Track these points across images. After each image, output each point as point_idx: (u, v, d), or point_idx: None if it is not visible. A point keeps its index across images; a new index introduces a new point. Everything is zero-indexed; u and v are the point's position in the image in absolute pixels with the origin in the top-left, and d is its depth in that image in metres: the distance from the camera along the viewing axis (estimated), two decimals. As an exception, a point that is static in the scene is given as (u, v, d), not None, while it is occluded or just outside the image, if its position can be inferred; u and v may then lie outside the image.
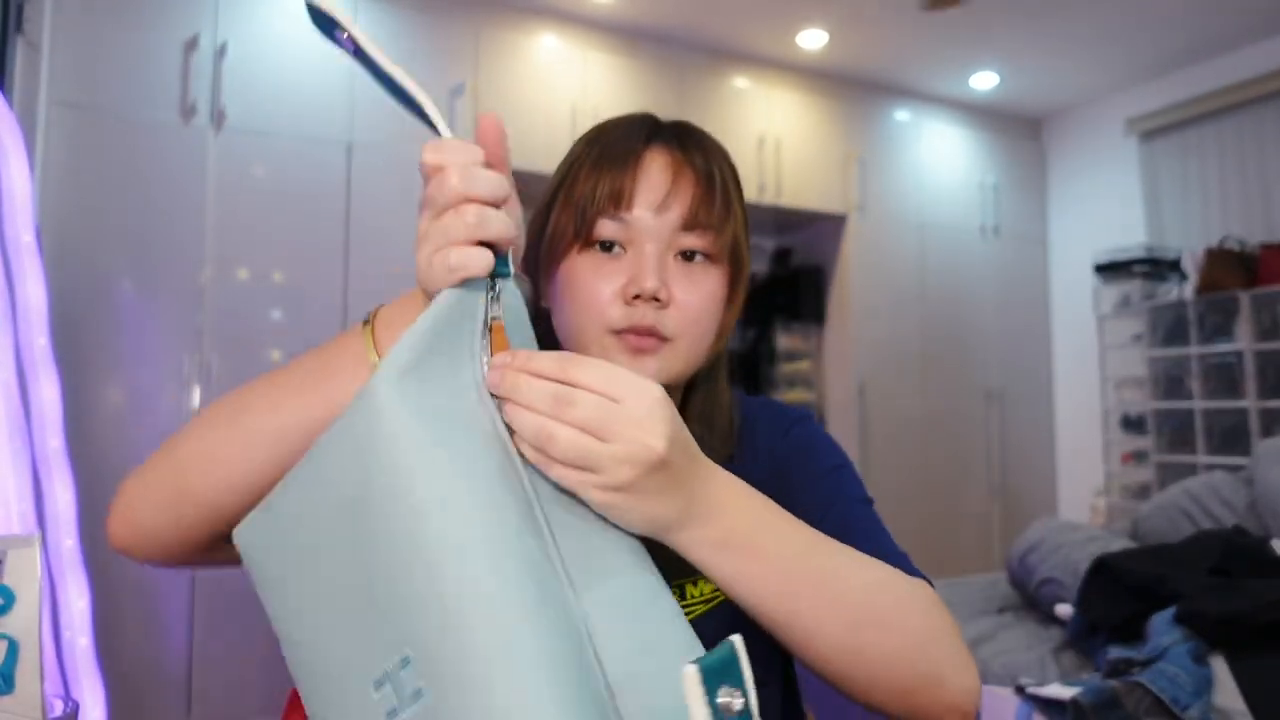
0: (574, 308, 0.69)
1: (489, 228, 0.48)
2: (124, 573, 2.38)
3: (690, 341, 0.70)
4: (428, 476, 0.42)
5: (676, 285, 0.69)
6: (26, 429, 1.31)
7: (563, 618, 0.43)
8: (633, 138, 0.72)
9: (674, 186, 0.70)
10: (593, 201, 0.69)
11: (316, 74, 2.81)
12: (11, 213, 1.33)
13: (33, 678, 0.58)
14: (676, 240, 0.70)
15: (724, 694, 0.39)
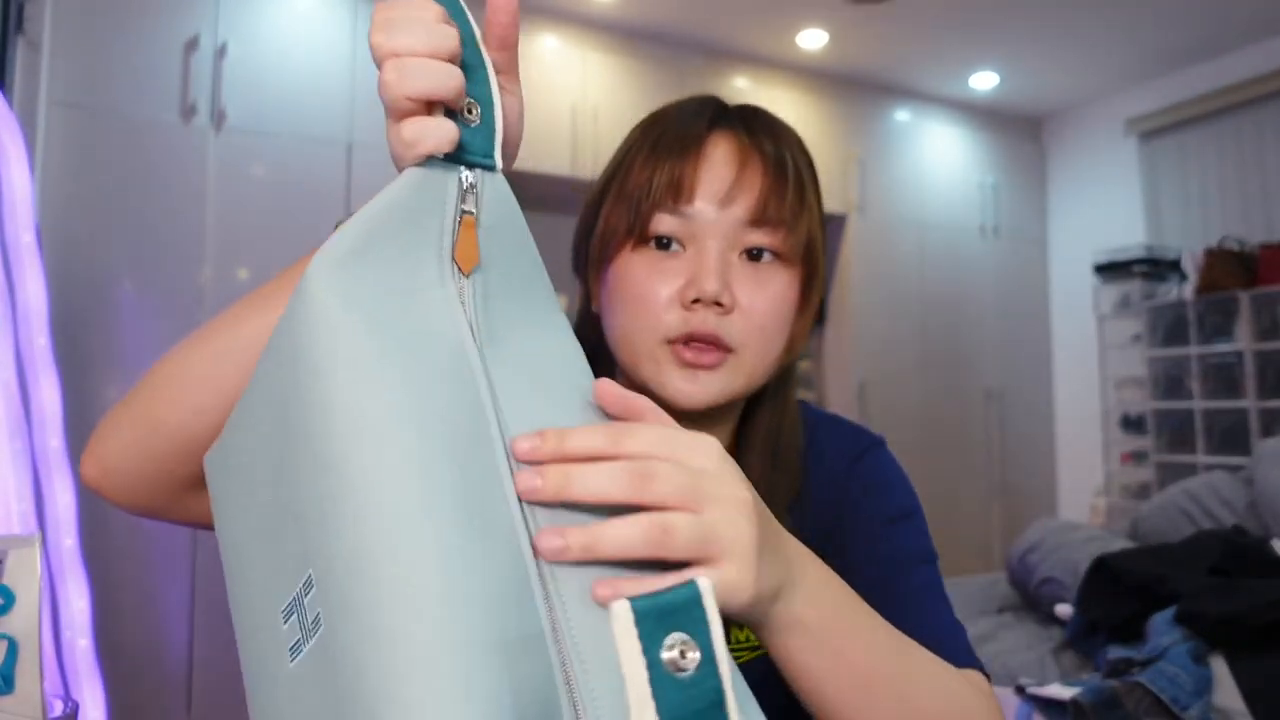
0: (626, 312, 0.62)
1: (410, 82, 0.38)
2: (124, 573, 2.38)
3: (755, 352, 0.62)
4: (349, 374, 0.35)
5: (741, 288, 0.62)
6: (26, 429, 1.31)
7: (500, 551, 0.34)
8: (694, 121, 0.65)
9: (740, 176, 0.62)
10: (648, 193, 0.62)
11: (316, 74, 2.81)
12: (11, 213, 1.33)
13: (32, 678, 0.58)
14: (742, 237, 0.62)
15: (672, 644, 0.30)
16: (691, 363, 0.61)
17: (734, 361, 0.62)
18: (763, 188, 0.62)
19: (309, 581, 0.35)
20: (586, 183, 3.25)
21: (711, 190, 0.62)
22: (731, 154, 0.63)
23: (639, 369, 0.63)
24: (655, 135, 0.65)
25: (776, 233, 0.63)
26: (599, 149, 3.23)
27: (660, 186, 0.62)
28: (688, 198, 0.61)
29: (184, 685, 2.47)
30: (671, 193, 0.61)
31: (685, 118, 0.66)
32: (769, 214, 0.62)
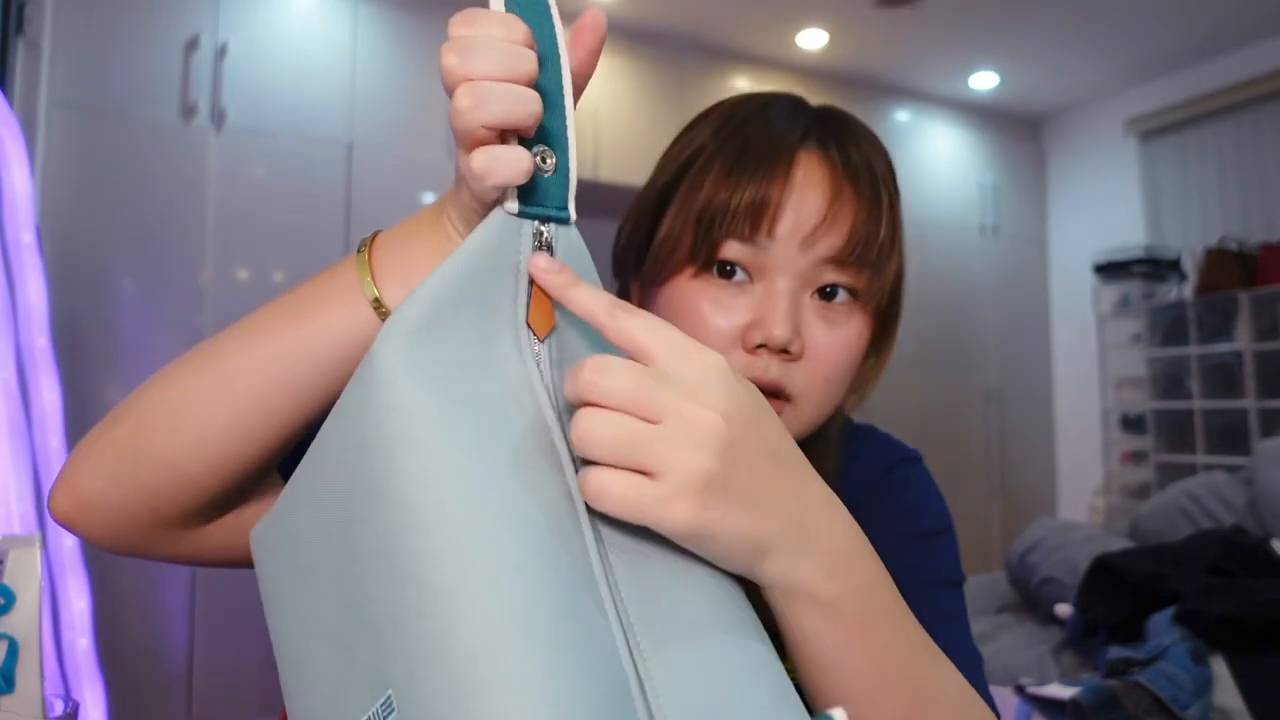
0: None
1: (486, 111, 0.36)
2: (124, 573, 2.38)
3: (816, 404, 0.56)
4: (430, 468, 0.32)
5: (811, 331, 0.55)
6: (27, 429, 1.31)
7: (602, 675, 0.31)
8: (784, 134, 0.57)
9: (831, 210, 0.54)
10: (725, 217, 0.54)
11: (316, 74, 2.81)
12: (12, 213, 1.33)
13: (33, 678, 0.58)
14: (819, 275, 0.55)
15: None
16: None
17: (791, 412, 0.56)
18: (854, 225, 0.55)
19: (388, 703, 0.32)
20: (586, 183, 3.25)
21: (796, 224, 0.54)
22: (823, 180, 0.55)
23: None
24: (735, 146, 0.56)
25: (861, 275, 0.56)
26: (599, 149, 3.23)
27: (739, 213, 0.54)
28: (769, 229, 0.54)
29: (184, 685, 2.47)
30: (750, 221, 0.54)
31: (772, 127, 0.57)
32: (857, 255, 0.55)
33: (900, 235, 0.59)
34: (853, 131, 0.59)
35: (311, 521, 0.37)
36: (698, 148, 0.59)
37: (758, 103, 0.61)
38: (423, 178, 2.97)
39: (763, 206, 0.54)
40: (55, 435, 1.36)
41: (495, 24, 0.37)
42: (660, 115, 3.43)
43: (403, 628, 0.31)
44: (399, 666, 0.31)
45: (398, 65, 2.97)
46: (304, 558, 0.38)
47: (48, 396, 1.35)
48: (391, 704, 0.32)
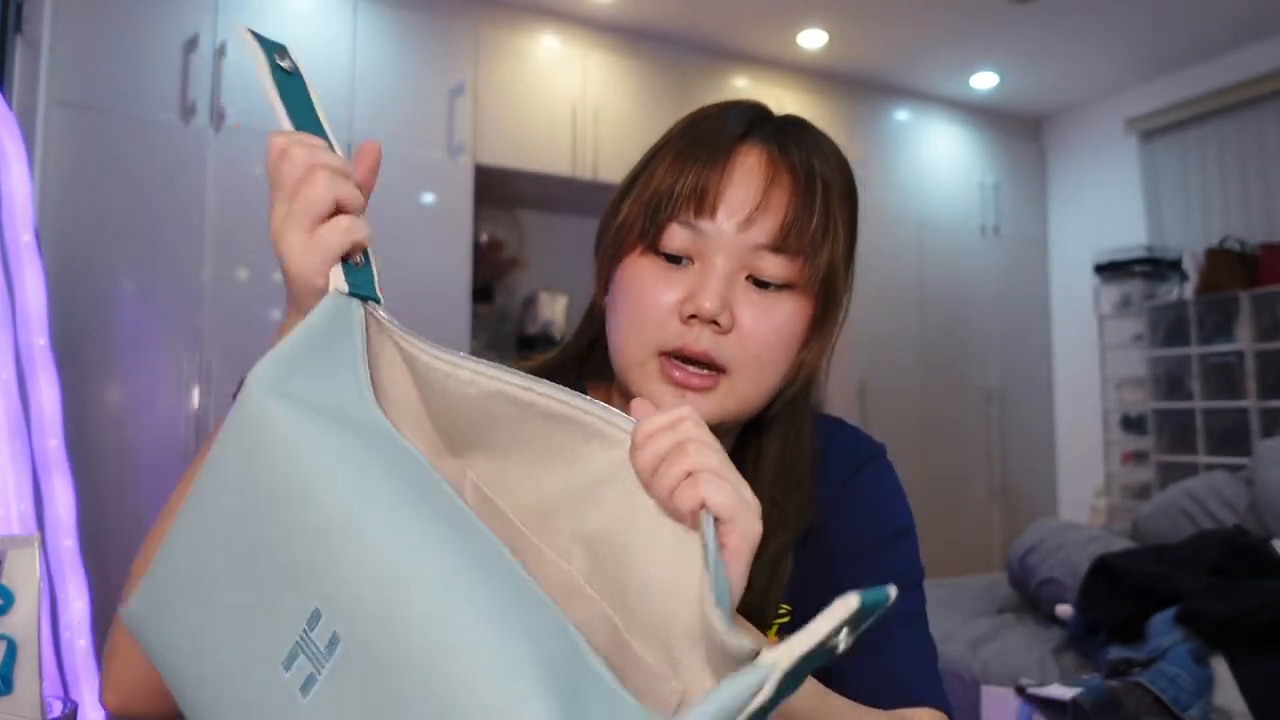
0: (626, 316, 0.61)
1: (339, 186, 0.44)
2: (123, 574, 2.38)
3: (748, 379, 0.60)
4: (331, 462, 0.38)
5: (743, 310, 0.59)
6: (26, 429, 1.31)
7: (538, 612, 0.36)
8: (728, 129, 0.61)
9: (765, 196, 0.59)
10: (669, 201, 0.59)
11: (317, 74, 2.78)
12: (11, 213, 1.33)
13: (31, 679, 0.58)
14: (754, 261, 0.59)
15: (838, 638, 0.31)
16: (680, 382, 0.59)
17: (726, 385, 0.60)
18: (787, 211, 0.59)
19: (314, 616, 0.37)
20: (586, 183, 3.25)
21: (733, 208, 0.59)
22: (760, 169, 0.60)
23: (628, 376, 0.62)
24: (687, 140, 0.62)
25: (794, 262, 0.60)
26: (599, 149, 3.22)
27: (681, 195, 0.59)
28: (708, 212, 0.59)
29: (184, 685, 2.46)
30: (692, 204, 0.59)
31: (720, 122, 0.62)
32: (789, 241, 0.59)
33: (839, 224, 0.62)
34: (802, 134, 0.64)
35: (194, 544, 0.42)
36: (660, 144, 0.65)
37: (722, 106, 0.66)
38: (422, 177, 2.97)
39: (703, 191, 0.59)
40: (54, 435, 1.36)
41: (312, 139, 0.46)
42: (660, 115, 3.43)
43: (324, 559, 0.36)
44: (320, 583, 0.36)
45: (397, 65, 2.96)
46: (193, 585, 0.42)
47: (47, 396, 1.35)
48: (319, 614, 0.36)
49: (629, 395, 0.63)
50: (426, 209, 2.98)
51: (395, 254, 2.86)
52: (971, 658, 1.99)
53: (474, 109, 3.05)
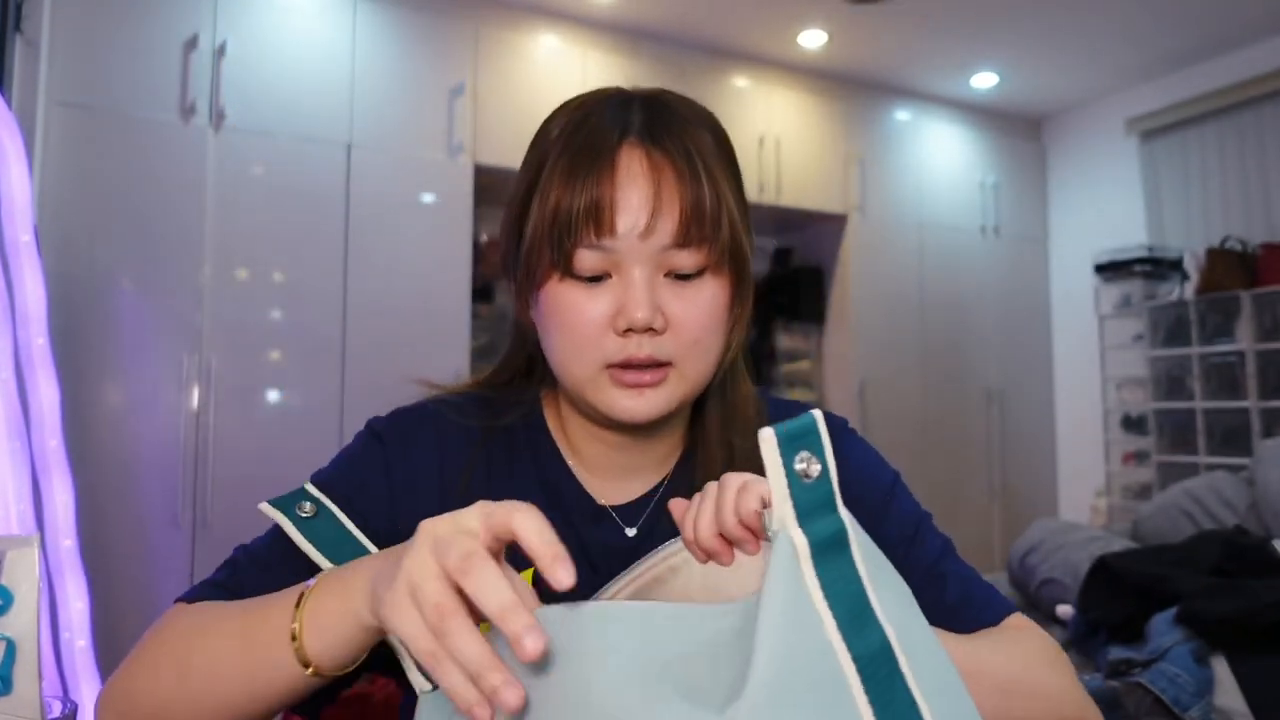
0: (563, 339, 0.63)
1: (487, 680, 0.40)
2: (123, 573, 2.38)
3: (693, 362, 0.64)
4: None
5: (671, 306, 0.62)
6: (26, 429, 1.31)
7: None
8: (605, 134, 0.63)
9: (658, 201, 0.61)
10: (570, 227, 0.60)
11: (316, 74, 2.81)
12: (11, 213, 1.33)
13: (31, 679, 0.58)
14: (666, 259, 0.62)
15: (801, 460, 0.39)
16: (632, 384, 0.62)
17: (675, 374, 0.63)
18: (681, 210, 0.61)
19: None
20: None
21: (630, 220, 0.60)
22: (645, 175, 0.61)
23: (580, 393, 0.65)
24: (570, 154, 0.63)
25: (699, 251, 0.62)
26: (599, 149, 3.22)
27: (579, 217, 0.60)
28: (609, 230, 0.60)
29: (183, 686, 2.46)
30: (592, 225, 0.60)
31: (598, 131, 0.63)
32: (691, 234, 0.61)
33: (729, 200, 0.64)
34: (669, 115, 0.65)
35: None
36: (543, 153, 0.65)
37: (590, 102, 0.67)
38: (422, 177, 2.97)
39: (599, 210, 0.60)
40: (54, 435, 1.35)
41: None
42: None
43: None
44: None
45: (397, 65, 2.96)
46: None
47: (46, 396, 1.35)
48: None
49: (581, 407, 0.68)
50: (426, 209, 2.98)
51: (395, 254, 2.86)
52: (972, 658, 1.98)
53: (474, 109, 3.05)
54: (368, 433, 0.71)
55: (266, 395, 2.66)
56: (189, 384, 2.55)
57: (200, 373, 2.56)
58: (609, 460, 0.71)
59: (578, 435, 0.71)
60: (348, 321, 2.78)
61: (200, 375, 2.56)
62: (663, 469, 0.72)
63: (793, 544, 0.38)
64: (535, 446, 0.71)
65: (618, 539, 0.69)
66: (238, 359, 2.61)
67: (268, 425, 2.65)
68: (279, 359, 2.67)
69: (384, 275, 2.82)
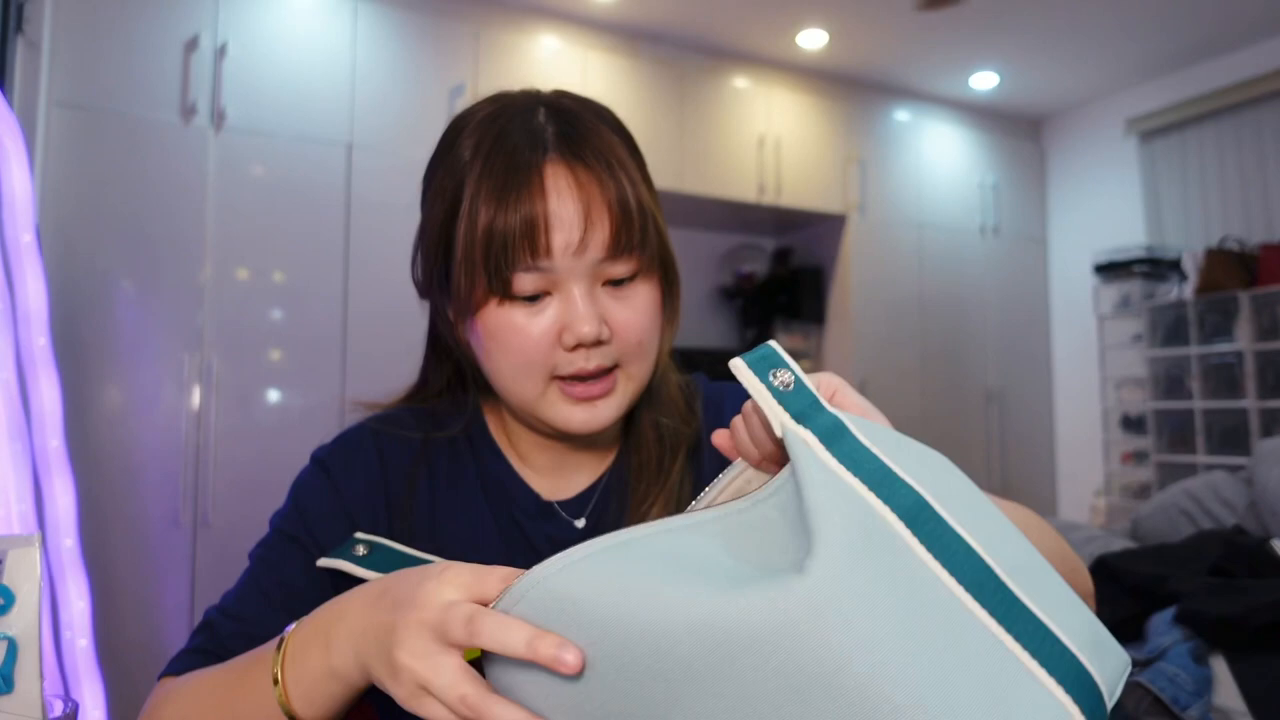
0: (508, 361, 0.64)
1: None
2: (124, 573, 2.38)
3: (637, 364, 0.66)
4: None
5: (612, 314, 0.64)
6: (26, 429, 1.31)
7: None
8: (525, 151, 0.62)
9: (588, 219, 0.61)
10: (506, 251, 0.61)
11: (316, 74, 2.81)
12: (11, 213, 1.33)
13: (32, 678, 0.58)
14: (601, 271, 0.63)
15: (774, 376, 0.43)
16: (583, 396, 0.64)
17: (622, 379, 0.66)
18: (611, 221, 0.62)
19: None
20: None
21: (564, 239, 0.61)
22: (573, 189, 0.62)
23: (530, 410, 0.66)
24: (496, 169, 0.62)
25: (632, 258, 0.64)
26: (599, 149, 3.22)
27: (515, 240, 0.60)
28: (545, 250, 0.61)
29: (184, 685, 2.47)
30: (527, 248, 0.61)
31: (517, 146, 0.63)
32: (622, 245, 0.63)
33: (648, 200, 0.65)
34: (580, 123, 0.66)
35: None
36: (458, 175, 0.64)
37: (500, 117, 0.66)
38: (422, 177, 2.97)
39: (533, 232, 0.60)
40: (55, 435, 1.36)
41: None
42: (660, 115, 3.43)
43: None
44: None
45: (397, 65, 2.97)
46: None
47: (47, 396, 1.35)
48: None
49: (528, 420, 0.69)
50: (426, 209, 2.97)
51: (395, 254, 2.86)
52: (971, 657, 1.99)
53: (474, 109, 3.05)
54: (313, 464, 0.72)
55: (266, 395, 2.66)
56: (189, 384, 2.55)
57: (200, 373, 2.56)
58: (553, 460, 0.73)
59: (521, 441, 0.73)
60: (348, 321, 2.78)
61: (200, 375, 2.56)
62: (604, 461, 0.74)
63: (802, 440, 0.42)
64: (479, 453, 0.73)
65: (567, 532, 0.71)
66: (238, 359, 2.61)
67: (268, 425, 2.65)
68: (279, 359, 2.68)
69: (384, 275, 2.82)
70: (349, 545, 0.63)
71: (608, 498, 0.72)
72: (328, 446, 0.73)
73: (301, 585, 0.66)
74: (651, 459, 0.72)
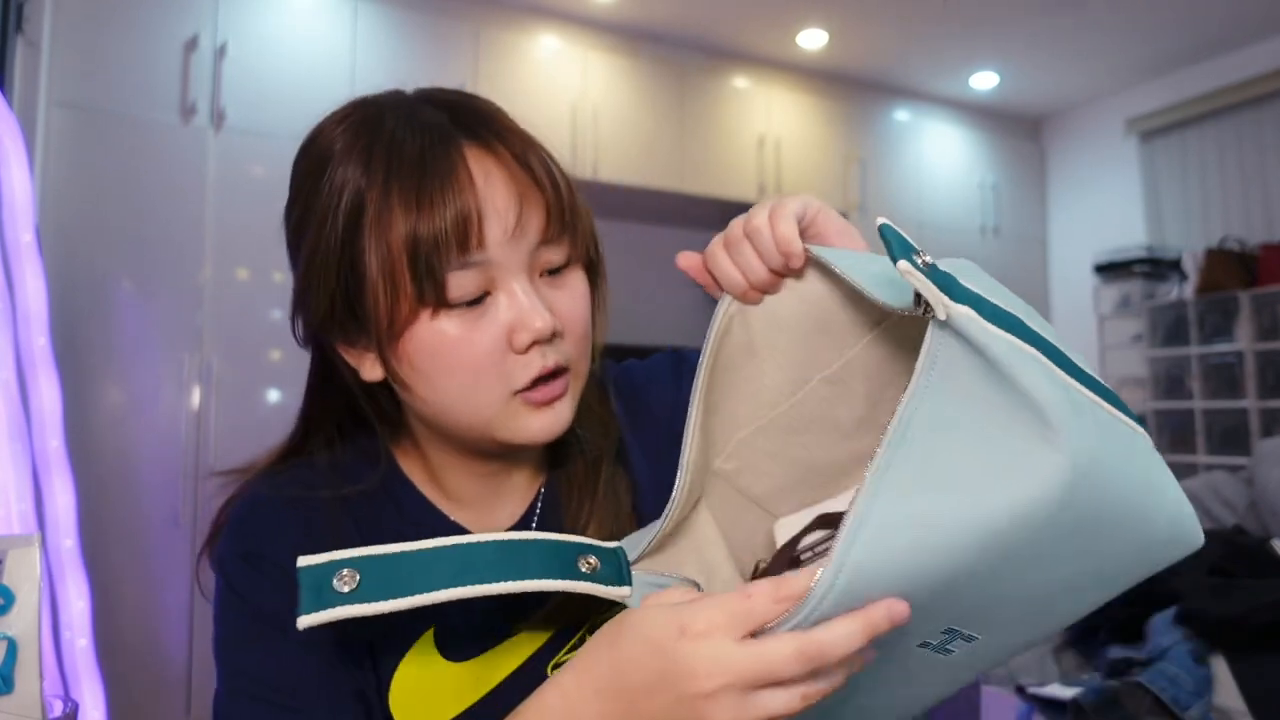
0: (455, 381, 0.57)
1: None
2: (124, 573, 2.38)
3: (582, 358, 0.62)
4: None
5: (556, 305, 0.59)
6: (26, 429, 1.31)
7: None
8: (435, 143, 0.56)
9: (523, 201, 0.56)
10: (436, 251, 0.54)
11: (316, 74, 2.81)
12: (11, 213, 1.33)
13: (32, 678, 0.58)
14: (539, 259, 0.58)
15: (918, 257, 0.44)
16: (545, 401, 0.58)
17: (573, 377, 0.61)
18: (545, 201, 0.57)
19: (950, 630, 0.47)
20: (586, 182, 3.24)
21: (499, 228, 0.55)
22: (499, 176, 0.56)
23: (489, 427, 0.59)
24: (406, 176, 0.55)
25: (564, 241, 0.59)
26: (599, 149, 3.22)
27: (445, 238, 0.54)
28: (479, 242, 0.55)
29: (184, 685, 2.47)
30: (459, 244, 0.54)
31: (419, 142, 0.56)
32: (556, 227, 0.58)
33: (570, 183, 0.61)
34: (476, 105, 0.61)
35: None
36: (356, 191, 0.57)
37: (379, 122, 0.59)
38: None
39: (466, 226, 0.54)
40: (55, 435, 1.36)
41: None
42: (660, 115, 3.43)
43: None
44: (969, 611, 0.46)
45: (397, 65, 2.96)
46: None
47: (47, 397, 1.35)
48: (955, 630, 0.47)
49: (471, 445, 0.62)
50: (426, 209, 2.97)
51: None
52: (971, 658, 1.99)
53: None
54: (234, 564, 0.64)
55: (266, 395, 2.66)
56: (189, 384, 2.55)
57: (200, 373, 2.56)
58: (484, 490, 0.67)
59: (450, 475, 0.66)
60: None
61: (200, 375, 2.56)
62: (535, 483, 0.69)
63: (968, 317, 0.42)
64: (399, 499, 0.66)
65: None
66: (238, 359, 2.61)
67: (268, 425, 2.65)
68: (279, 359, 2.67)
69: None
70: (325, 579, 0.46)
71: (545, 524, 0.67)
72: (230, 539, 0.64)
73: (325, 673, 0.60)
74: (579, 470, 0.67)
